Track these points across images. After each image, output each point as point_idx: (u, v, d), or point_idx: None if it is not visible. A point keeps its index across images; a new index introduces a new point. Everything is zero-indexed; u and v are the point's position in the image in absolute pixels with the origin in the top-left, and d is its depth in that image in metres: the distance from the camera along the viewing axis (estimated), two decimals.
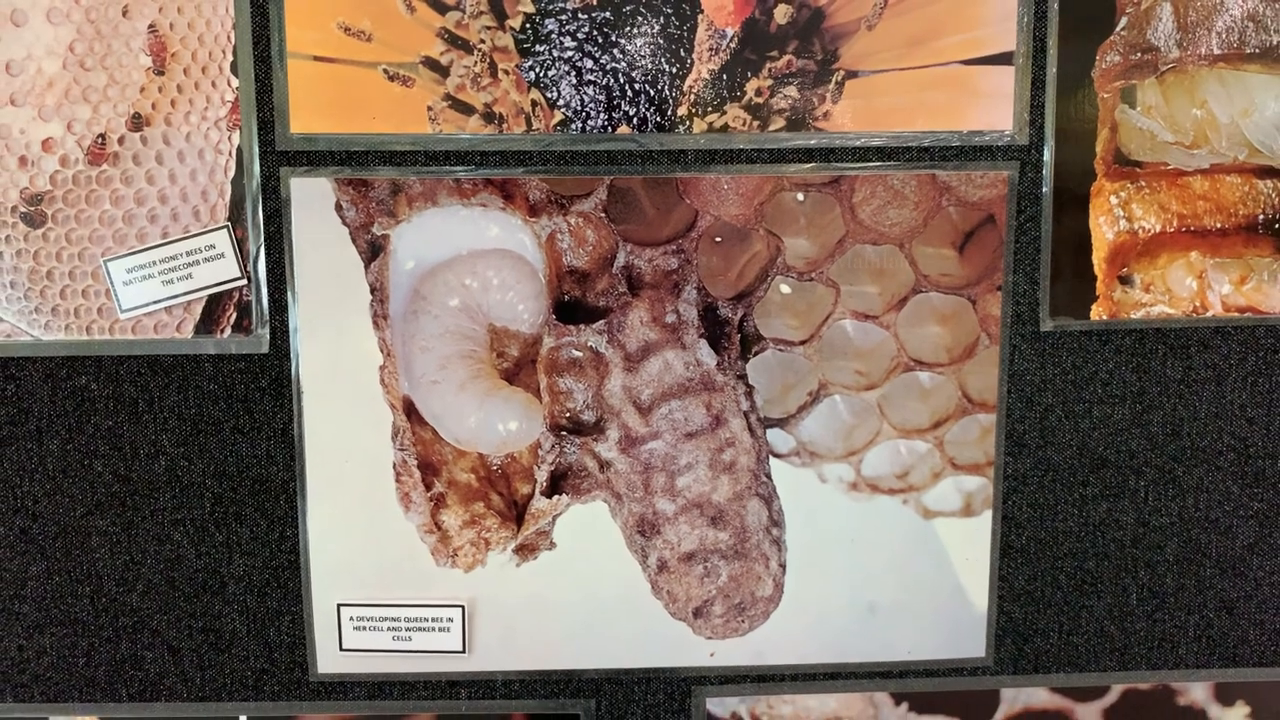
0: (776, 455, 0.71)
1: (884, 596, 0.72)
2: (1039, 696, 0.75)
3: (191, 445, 0.70)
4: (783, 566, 0.72)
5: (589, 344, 0.70)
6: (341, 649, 0.72)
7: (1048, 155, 0.68)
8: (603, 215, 0.69)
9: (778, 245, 0.69)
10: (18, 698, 0.72)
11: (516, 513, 0.71)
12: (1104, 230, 0.69)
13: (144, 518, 0.70)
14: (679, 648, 0.73)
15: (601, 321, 0.69)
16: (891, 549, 0.72)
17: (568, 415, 0.70)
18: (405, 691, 0.73)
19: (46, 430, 0.70)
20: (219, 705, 0.72)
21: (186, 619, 0.72)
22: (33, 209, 0.67)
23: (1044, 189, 0.69)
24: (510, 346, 0.70)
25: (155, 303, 0.68)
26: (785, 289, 0.69)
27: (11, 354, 0.69)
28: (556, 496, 0.71)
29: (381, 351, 0.69)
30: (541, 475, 0.71)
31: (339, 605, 0.71)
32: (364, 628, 0.71)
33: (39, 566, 0.71)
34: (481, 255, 0.69)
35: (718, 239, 0.69)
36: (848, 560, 0.72)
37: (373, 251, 0.69)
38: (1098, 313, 0.70)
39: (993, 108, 0.67)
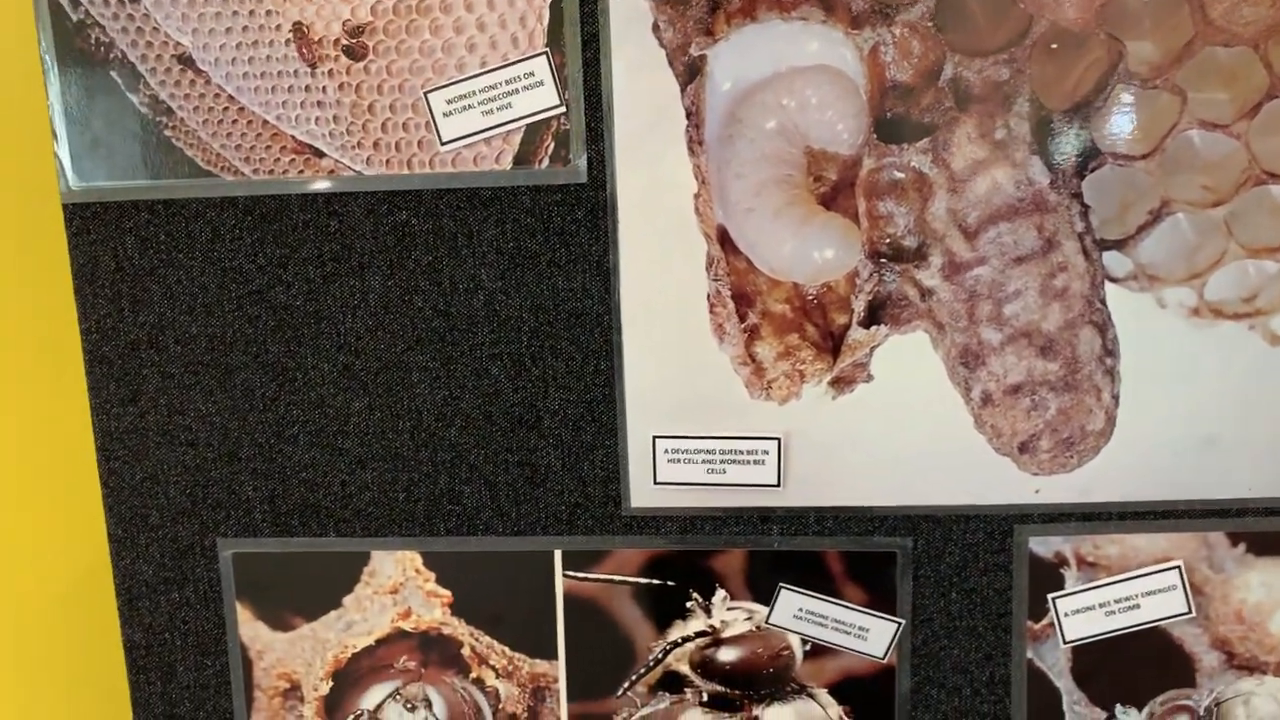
0: (1112, 279, 0.67)
1: (1224, 430, 0.68)
2: None
3: (509, 279, 0.70)
4: (1115, 399, 0.68)
5: (912, 164, 0.67)
6: (655, 482, 0.71)
7: None
8: (929, 24, 0.65)
9: (1119, 50, 0.65)
10: (340, 532, 0.74)
11: (832, 344, 0.69)
12: None
13: (462, 353, 0.71)
14: (1001, 484, 0.70)
15: (926, 139, 0.66)
16: (1234, 378, 0.68)
17: (888, 241, 0.68)
18: (717, 526, 0.72)
19: (368, 266, 0.71)
20: (533, 539, 0.73)
21: (503, 454, 0.72)
22: (354, 41, 0.68)
23: None
24: (828, 170, 0.68)
25: (475, 134, 0.68)
26: (1126, 98, 0.65)
27: (335, 190, 0.70)
28: (874, 327, 0.69)
29: (696, 179, 0.68)
30: (859, 305, 0.69)
31: (654, 438, 0.71)
32: (678, 460, 0.71)
33: (360, 402, 0.72)
34: (800, 73, 0.67)
35: (1053, 45, 0.65)
36: (1186, 391, 0.68)
37: (689, 74, 0.67)
38: None
39: None
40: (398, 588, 0.75)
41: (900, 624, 0.72)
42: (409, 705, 0.75)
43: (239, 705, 0.77)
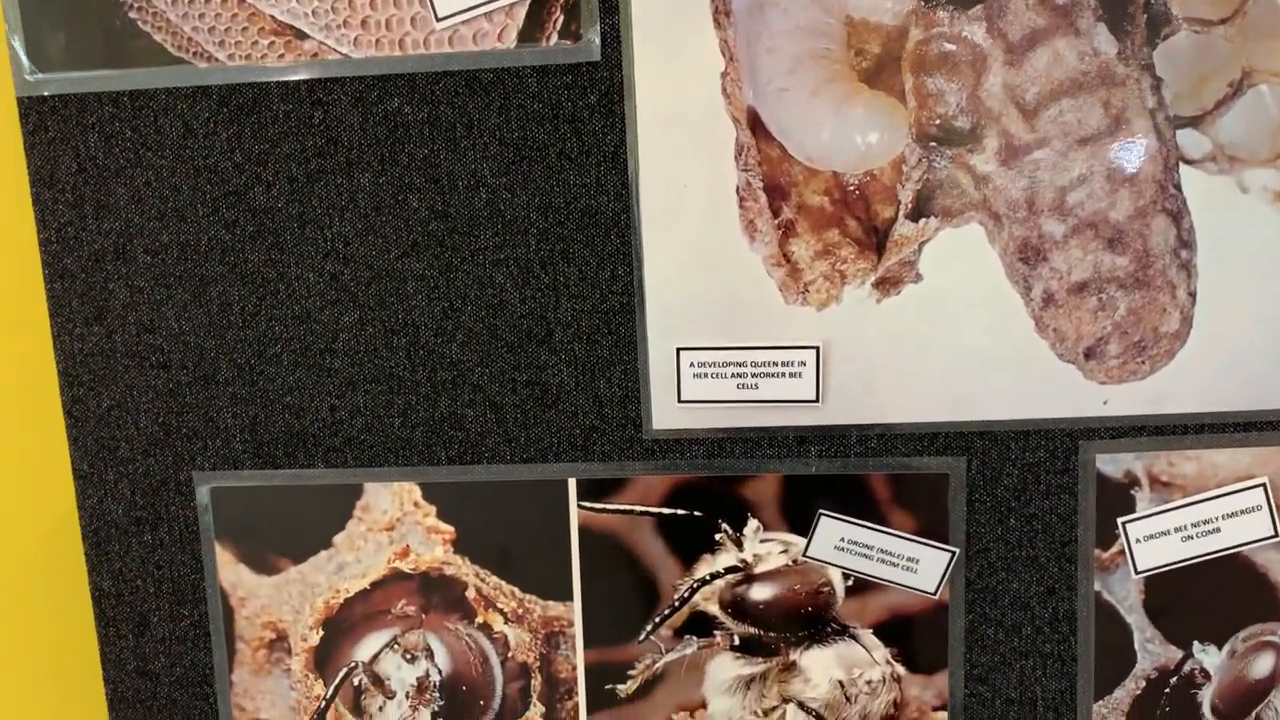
0: (1187, 161, 0.60)
1: None
2: None
3: (514, 174, 0.63)
4: (1192, 296, 0.61)
5: (964, 34, 0.60)
6: (680, 400, 0.64)
7: None
8: None
9: None
10: (329, 463, 0.67)
11: (876, 240, 0.62)
12: None
13: (463, 259, 0.64)
14: (1065, 396, 0.63)
15: (979, 6, 0.59)
16: None
17: (938, 122, 0.61)
18: (749, 449, 0.65)
19: (356, 162, 0.63)
20: (545, 467, 0.66)
21: (510, 372, 0.65)
22: None
23: None
24: (870, 42, 0.61)
25: (474, 7, 0.61)
26: None
27: (318, 75, 0.63)
28: (923, 220, 0.62)
29: (723, 55, 0.61)
30: (906, 195, 0.62)
31: (678, 350, 0.64)
32: (705, 375, 0.64)
33: (350, 316, 0.65)
34: None
35: None
36: (1270, 287, 0.61)
37: None
38: None
39: None
40: (394, 524, 0.67)
41: (953, 554, 0.65)
42: (408, 655, 0.68)
43: (219, 659, 0.69)
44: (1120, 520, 0.64)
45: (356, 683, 0.69)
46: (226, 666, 0.69)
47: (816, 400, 0.64)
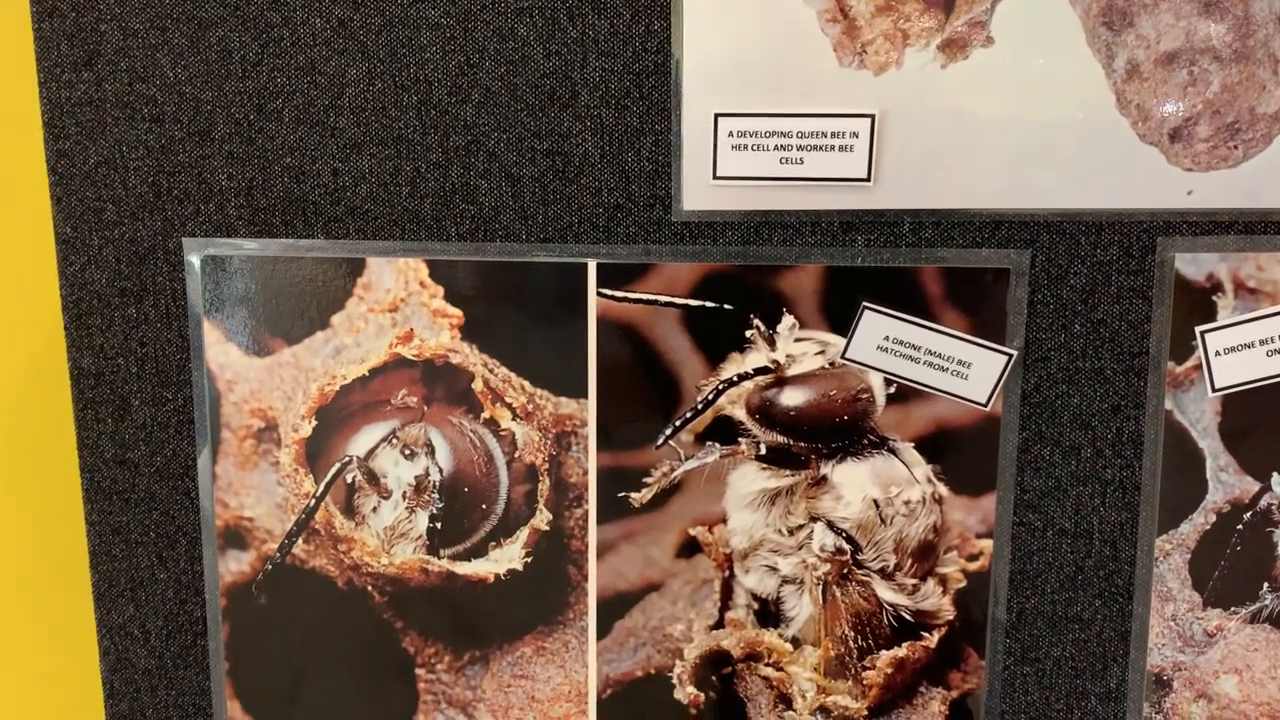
0: None
1: None
2: None
3: None
4: None
5: None
6: (715, 177, 0.58)
7: None
8: None
9: None
10: (330, 234, 0.62)
11: None
12: None
13: (482, 7, 0.58)
14: (1144, 184, 0.56)
15: None
16: None
17: None
18: (788, 235, 0.59)
19: None
20: (563, 247, 0.60)
21: (529, 139, 0.59)
22: None
23: None
24: None
25: None
26: None
27: None
28: None
29: None
30: None
31: (715, 116, 0.58)
32: (745, 146, 0.58)
33: (358, 69, 0.59)
34: None
35: None
36: None
37: None
38: None
39: None
40: (398, 304, 0.62)
41: (1010, 356, 0.58)
42: (407, 451, 0.63)
43: (203, 448, 0.64)
44: (1199, 330, 0.57)
45: (350, 480, 0.63)
46: (211, 457, 0.64)
47: (868, 179, 0.57)
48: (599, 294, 0.60)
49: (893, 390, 0.60)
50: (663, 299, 0.60)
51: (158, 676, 0.67)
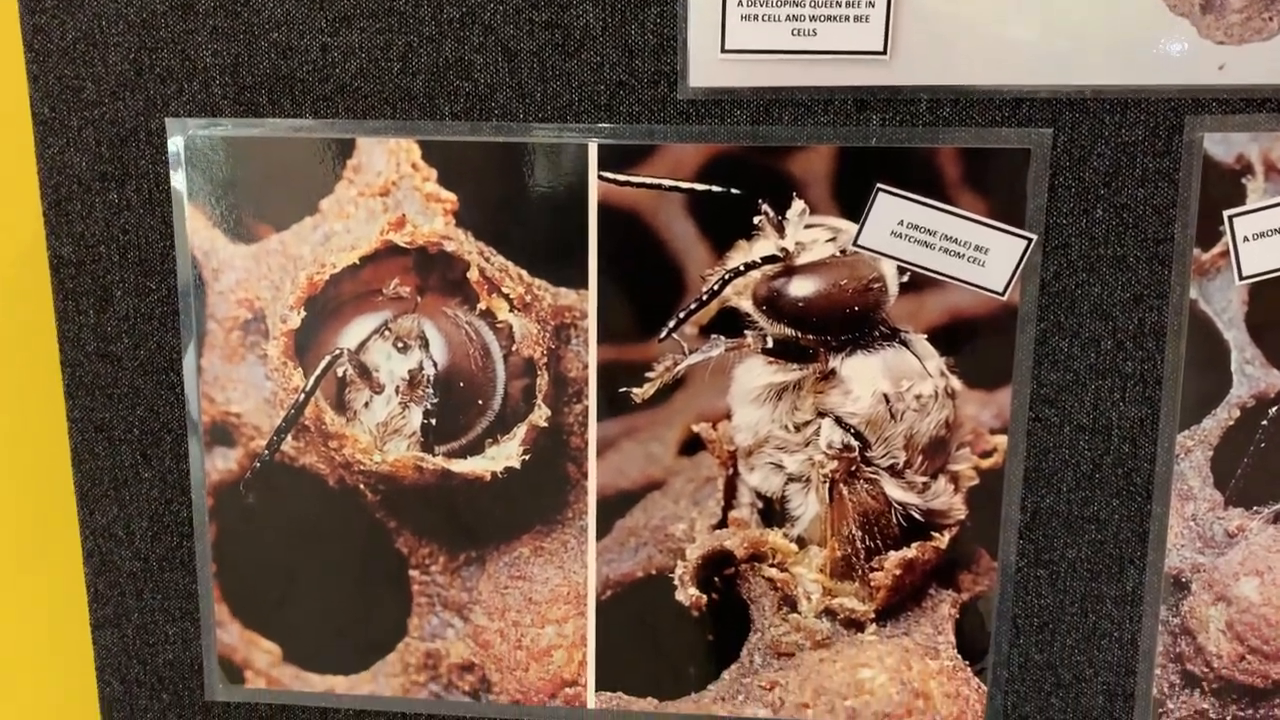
0: None
1: None
2: None
3: None
4: None
5: None
6: (723, 51, 0.55)
7: None
8: None
9: None
10: (317, 113, 0.59)
11: None
12: None
13: None
14: (1173, 58, 0.54)
15: None
16: None
17: None
18: (799, 115, 0.56)
19: None
20: (562, 127, 0.57)
21: (526, 10, 0.56)
22: None
23: None
24: None
25: None
26: None
27: None
28: None
29: None
30: None
31: None
32: (755, 18, 0.55)
33: None
34: None
35: None
36: None
37: None
38: None
39: None
40: (389, 188, 0.59)
41: (1030, 241, 0.56)
42: (400, 344, 0.60)
43: (188, 340, 0.62)
44: (1227, 214, 0.55)
45: (340, 373, 0.61)
46: (196, 349, 0.62)
47: (884, 53, 0.55)
48: (600, 177, 0.58)
49: (906, 279, 0.57)
50: (667, 183, 0.58)
51: (143, 579, 0.65)
